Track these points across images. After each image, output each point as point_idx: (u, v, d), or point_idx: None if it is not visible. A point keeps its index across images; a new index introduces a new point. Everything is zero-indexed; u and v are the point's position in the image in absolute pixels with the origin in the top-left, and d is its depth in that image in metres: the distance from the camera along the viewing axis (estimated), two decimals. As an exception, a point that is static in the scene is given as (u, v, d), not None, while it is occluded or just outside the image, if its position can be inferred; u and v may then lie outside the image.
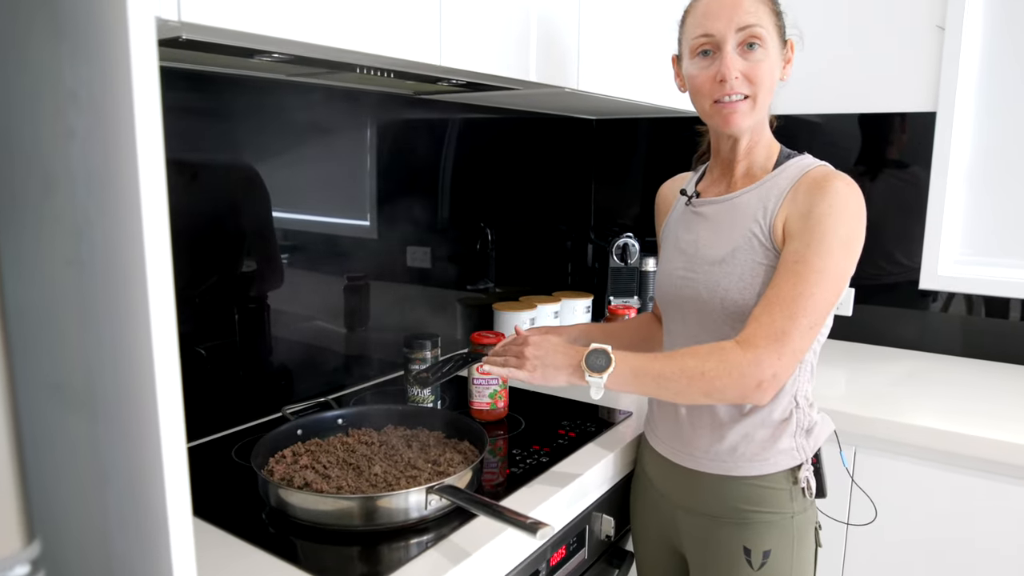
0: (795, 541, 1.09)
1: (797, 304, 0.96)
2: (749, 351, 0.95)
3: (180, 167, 1.23)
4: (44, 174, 0.56)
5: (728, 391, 0.96)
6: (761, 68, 1.04)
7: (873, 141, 1.94)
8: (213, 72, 1.25)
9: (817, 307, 0.97)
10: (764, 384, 0.95)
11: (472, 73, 1.22)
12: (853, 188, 1.01)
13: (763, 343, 0.95)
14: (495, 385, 1.35)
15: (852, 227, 1.00)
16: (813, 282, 0.96)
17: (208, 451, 1.25)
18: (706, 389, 0.96)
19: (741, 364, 0.94)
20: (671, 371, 0.97)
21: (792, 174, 1.05)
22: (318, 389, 1.51)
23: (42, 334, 0.60)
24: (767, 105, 1.08)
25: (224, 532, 0.96)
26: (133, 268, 0.53)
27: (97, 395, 0.59)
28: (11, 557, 0.43)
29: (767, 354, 0.94)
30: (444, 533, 0.96)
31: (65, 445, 0.60)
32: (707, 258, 1.09)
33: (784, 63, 1.08)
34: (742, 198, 1.08)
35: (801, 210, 1.00)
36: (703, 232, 1.11)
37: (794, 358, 0.96)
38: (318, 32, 0.93)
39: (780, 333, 0.95)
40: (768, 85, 1.05)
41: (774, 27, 1.05)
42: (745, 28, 1.03)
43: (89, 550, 0.60)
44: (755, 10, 1.03)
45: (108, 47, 0.50)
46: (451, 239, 1.87)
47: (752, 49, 1.03)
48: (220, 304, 1.33)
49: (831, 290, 0.98)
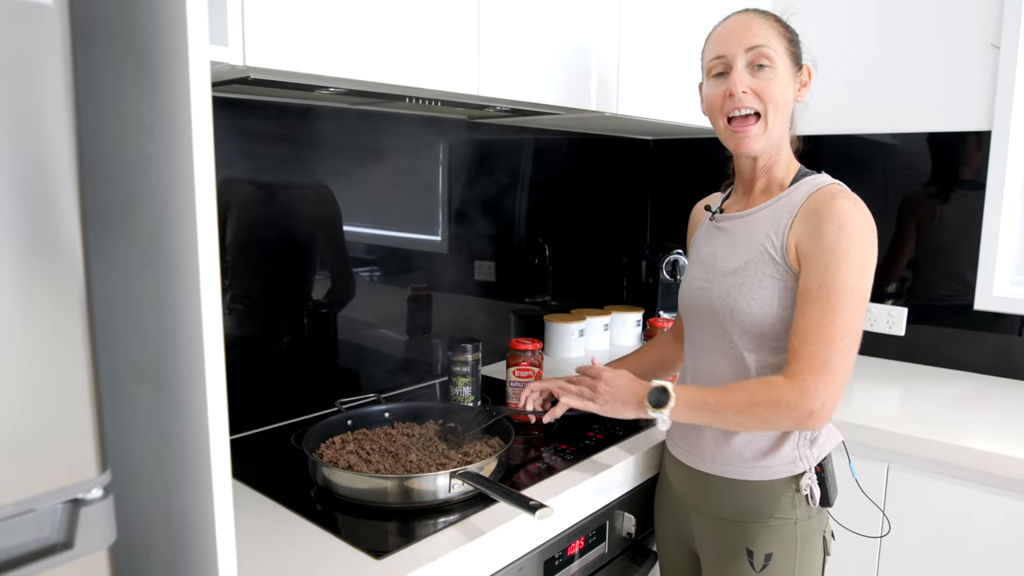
0: (799, 547, 1.13)
1: (830, 330, 1.02)
2: (797, 384, 1.02)
3: (261, 187, 1.40)
4: (129, 192, 0.71)
5: (782, 423, 1.05)
6: (770, 86, 1.10)
7: (927, 161, 1.94)
8: (293, 103, 1.42)
9: (849, 328, 1.03)
10: (815, 413, 1.02)
11: (509, 101, 1.34)
12: (858, 206, 1.06)
13: (809, 375, 1.02)
14: None
15: (863, 244, 1.05)
16: (841, 304, 1.02)
17: (272, 437, 1.40)
18: (761, 420, 1.06)
19: (791, 398, 1.02)
20: (726, 405, 1.07)
21: (804, 191, 1.11)
22: (374, 388, 1.65)
23: (124, 320, 0.75)
24: (780, 125, 1.14)
25: (277, 504, 1.10)
26: (189, 269, 0.66)
27: (163, 371, 0.74)
28: (88, 481, 0.57)
29: (814, 385, 1.02)
30: (467, 514, 1.06)
31: (137, 410, 0.74)
32: (722, 269, 1.16)
33: (800, 86, 1.15)
34: (758, 214, 1.15)
35: (811, 234, 1.06)
36: (721, 245, 1.19)
37: (840, 383, 1.03)
38: (365, 70, 1.07)
39: (823, 362, 1.02)
40: (778, 103, 1.11)
41: (785, 51, 1.12)
42: (753, 48, 1.11)
43: (151, 492, 0.74)
44: (764, 32, 1.11)
45: (174, 93, 0.64)
46: (512, 254, 1.99)
47: (761, 68, 1.11)
48: (293, 309, 1.49)
49: (857, 308, 1.04)
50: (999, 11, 1.80)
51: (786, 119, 1.15)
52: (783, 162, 1.17)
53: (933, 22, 1.90)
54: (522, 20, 1.32)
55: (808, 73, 1.16)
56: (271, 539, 1.01)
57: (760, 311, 1.09)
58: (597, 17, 1.48)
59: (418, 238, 1.73)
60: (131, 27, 0.69)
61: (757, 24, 1.12)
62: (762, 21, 1.12)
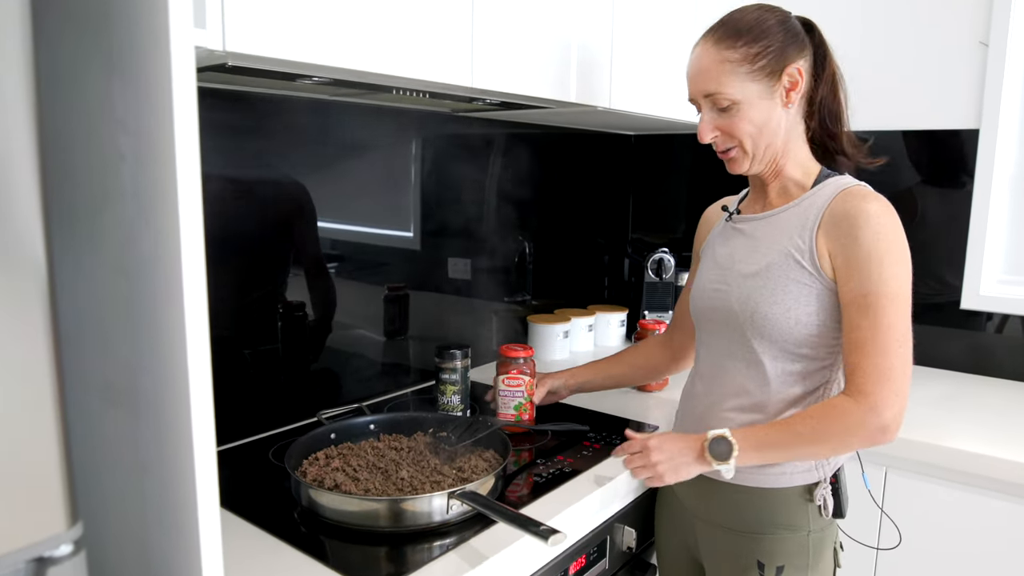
0: (811, 558, 1.09)
1: (886, 338, 0.98)
2: (863, 401, 0.98)
3: (231, 183, 1.31)
4: (97, 192, 0.62)
5: (856, 443, 1.01)
6: (737, 125, 1.06)
7: (915, 159, 1.92)
8: (267, 93, 1.32)
9: (904, 333, 0.99)
10: (888, 427, 0.98)
11: (503, 94, 1.27)
12: (886, 207, 1.02)
13: (874, 388, 0.98)
14: (520, 398, 1.38)
15: (900, 245, 1.01)
16: (890, 310, 0.98)
17: (247, 452, 1.31)
18: (835, 449, 1.03)
19: (860, 416, 0.98)
20: (794, 441, 1.02)
21: (828, 193, 1.06)
22: (354, 395, 1.57)
23: (94, 336, 0.66)
24: (768, 144, 1.08)
25: (258, 528, 1.02)
26: (171, 277, 0.58)
27: (139, 394, 0.65)
28: (56, 536, 0.49)
29: (883, 398, 0.97)
30: (465, 537, 0.99)
31: (110, 439, 0.66)
32: (741, 271, 1.11)
33: (786, 91, 1.06)
34: (780, 216, 1.10)
35: (846, 242, 1.01)
36: (740, 246, 1.14)
37: (905, 390, 0.99)
38: (352, 58, 0.99)
39: (886, 373, 0.98)
40: (752, 134, 1.06)
41: (748, 77, 1.04)
42: (709, 96, 1.07)
43: (128, 536, 0.66)
44: (715, 73, 1.05)
45: (152, 81, 0.55)
46: (490, 252, 1.92)
47: (725, 110, 1.06)
48: (266, 313, 1.39)
49: (905, 310, 1.00)
50: (988, 9, 1.78)
51: (774, 134, 1.07)
52: (795, 163, 1.11)
53: (921, 19, 1.87)
54: (518, 11, 1.24)
55: (797, 74, 1.05)
56: (251, 569, 0.92)
57: (782, 315, 1.04)
58: (591, 11, 1.42)
59: (389, 234, 1.65)
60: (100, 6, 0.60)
61: (707, 63, 1.06)
62: (713, 57, 1.05)
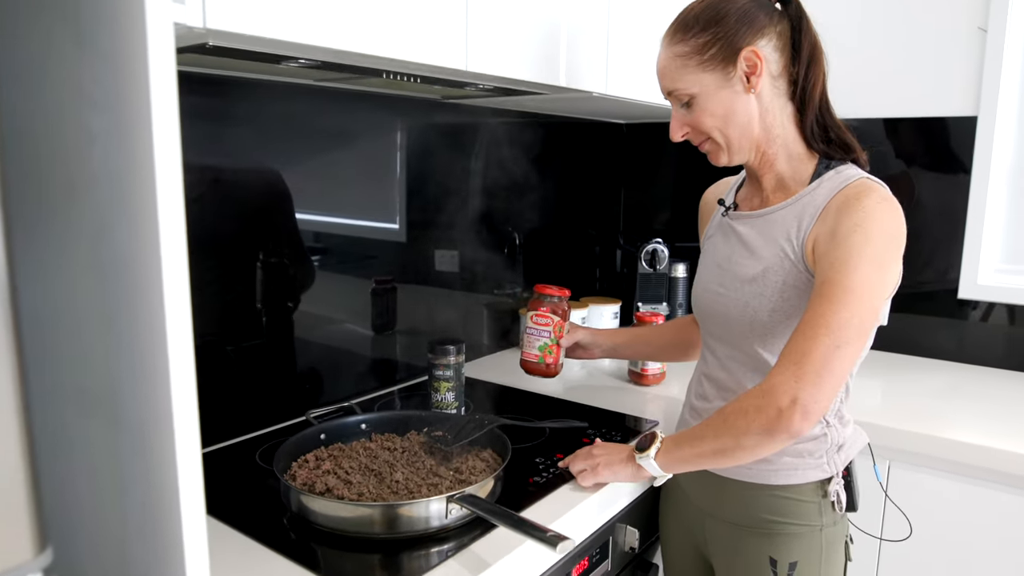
0: (823, 554, 1.06)
1: (819, 324, 0.90)
2: (764, 383, 0.92)
3: (208, 172, 1.24)
4: (65, 178, 0.56)
5: (753, 432, 0.91)
6: (702, 119, 1.03)
7: (912, 146, 1.89)
8: (242, 78, 1.26)
9: (842, 325, 0.89)
10: (785, 412, 0.88)
11: (499, 78, 1.21)
12: (887, 203, 0.95)
13: (778, 371, 0.91)
14: (546, 338, 1.26)
15: (883, 243, 0.93)
16: (838, 300, 0.90)
17: (233, 454, 1.25)
18: (736, 439, 0.93)
19: (756, 399, 0.91)
20: (703, 433, 0.98)
21: (828, 189, 1.00)
22: (344, 392, 1.51)
23: (64, 338, 0.60)
24: (741, 133, 1.02)
25: (245, 536, 0.96)
26: (150, 273, 0.52)
27: (118, 401, 0.59)
28: (23, 566, 0.43)
29: (783, 381, 0.89)
30: (465, 543, 0.95)
31: (85, 451, 0.60)
32: (739, 276, 1.06)
33: (747, 76, 0.99)
34: (776, 215, 1.04)
35: (828, 231, 0.95)
36: (737, 247, 1.08)
37: (821, 382, 0.89)
38: (343, 38, 0.93)
39: (800, 356, 0.90)
40: (719, 124, 1.02)
41: (700, 69, 0.99)
42: (670, 94, 1.05)
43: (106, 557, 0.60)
44: (671, 71, 1.03)
45: (127, 53, 0.50)
46: (479, 243, 1.87)
47: (688, 105, 1.03)
48: (248, 306, 1.33)
49: (861, 309, 0.91)
50: (986, -7, 1.75)
51: (745, 124, 1.01)
52: (786, 154, 1.04)
53: (918, 4, 1.84)
54: (511, -12, 1.19)
55: (755, 56, 0.98)
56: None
57: (781, 323, 1.00)
58: (586, -12, 1.37)
59: (375, 226, 1.59)
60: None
61: (663, 61, 1.04)
62: (667, 53, 1.03)
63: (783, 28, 1.00)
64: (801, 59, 1.01)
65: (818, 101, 1.03)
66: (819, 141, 1.04)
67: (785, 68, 1.01)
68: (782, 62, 1.01)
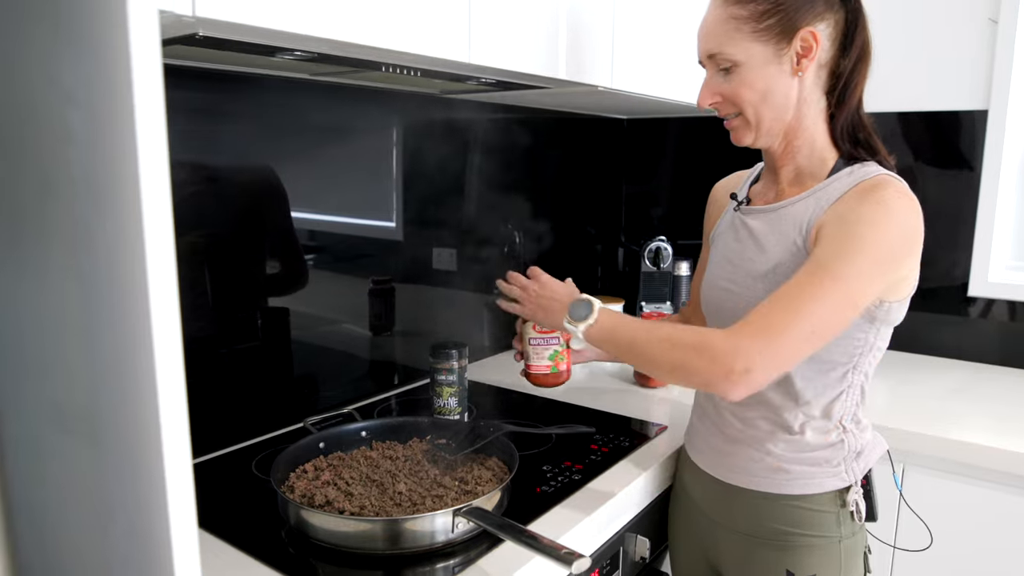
0: (842, 566, 1.02)
1: (802, 306, 0.86)
2: (731, 339, 0.87)
3: (200, 169, 1.19)
4: (41, 178, 0.51)
5: (696, 374, 0.89)
6: (740, 91, 0.97)
7: (921, 141, 1.85)
8: (236, 72, 1.21)
9: (825, 316, 0.87)
10: (734, 376, 0.86)
11: (503, 71, 1.17)
12: (905, 199, 0.91)
13: (748, 334, 0.87)
14: (555, 345, 1.13)
15: (891, 241, 0.89)
16: (828, 288, 0.86)
17: (228, 463, 1.20)
18: (676, 363, 0.91)
19: (717, 348, 0.87)
20: (648, 337, 0.94)
21: (844, 184, 0.95)
22: (342, 397, 1.47)
23: (40, 350, 0.55)
24: (775, 116, 0.98)
25: (241, 552, 0.92)
26: (134, 279, 0.48)
27: (100, 417, 0.55)
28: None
29: (748, 346, 0.86)
30: (472, 558, 0.90)
31: (66, 474, 0.55)
32: (751, 272, 1.02)
33: (797, 57, 0.95)
34: (789, 209, 1.00)
35: (839, 215, 0.92)
36: (749, 243, 1.04)
37: (778, 360, 0.87)
38: (341, 29, 0.88)
39: (770, 329, 0.86)
40: (754, 101, 0.97)
41: (752, 37, 0.94)
42: (711, 57, 0.98)
43: (89, 588, 0.56)
44: (719, 33, 0.96)
45: (108, 43, 0.45)
46: (478, 241, 1.82)
47: (727, 72, 0.97)
48: (242, 308, 1.29)
49: (847, 303, 0.88)
50: (997, -17, 1.71)
51: (782, 106, 0.97)
52: (810, 148, 1.00)
53: (927, -5, 1.80)
54: (514, -23, 1.14)
55: (812, 38, 0.94)
56: (237, 601, 0.83)
57: None
58: (591, -22, 1.32)
59: (371, 224, 1.54)
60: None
61: (712, 20, 0.97)
62: (720, 14, 0.96)
63: (839, 19, 0.96)
64: (851, 54, 0.97)
65: (856, 101, 1.00)
66: (847, 141, 1.00)
67: (831, 60, 0.98)
68: (831, 53, 0.97)
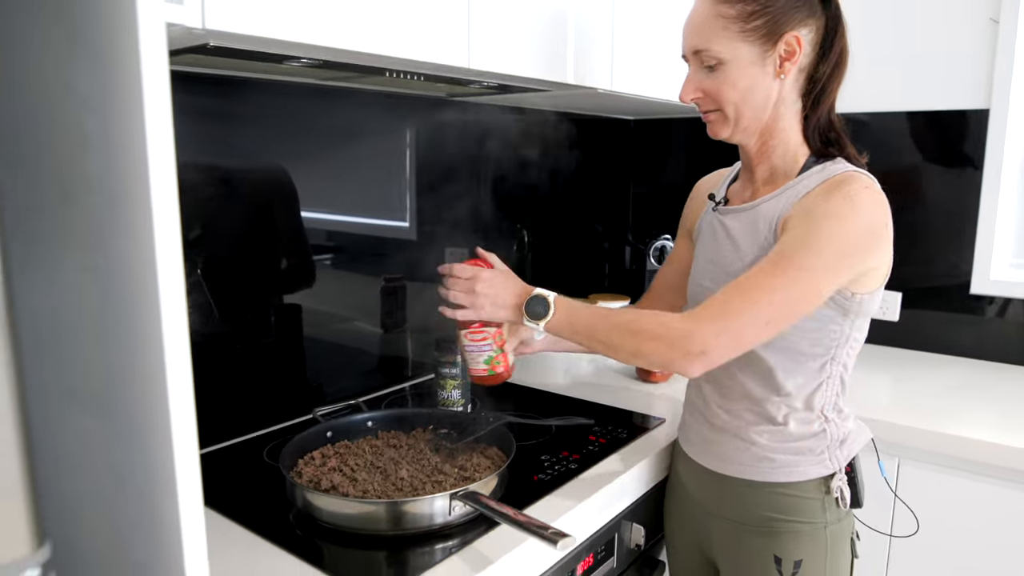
0: (828, 551, 1.05)
1: (762, 295, 0.90)
2: (688, 322, 0.92)
3: (215, 171, 1.25)
4: (59, 181, 0.57)
5: (654, 354, 0.93)
6: (722, 88, 0.99)
7: (923, 140, 1.87)
8: (250, 78, 1.27)
9: (785, 305, 0.90)
10: (691, 356, 0.90)
11: (502, 75, 1.21)
12: (870, 196, 0.94)
13: (706, 318, 0.91)
14: (488, 351, 1.16)
15: (856, 234, 0.92)
16: (791, 278, 0.90)
17: (240, 451, 1.26)
18: (635, 348, 0.95)
19: (674, 333, 0.91)
20: (605, 324, 0.97)
21: (814, 180, 0.98)
22: (351, 390, 1.52)
23: (59, 339, 0.61)
24: (753, 115, 1.01)
25: (251, 533, 0.97)
26: (145, 274, 0.53)
27: (114, 399, 0.60)
28: (21, 560, 0.44)
29: (705, 328, 0.90)
30: (469, 539, 0.95)
31: (81, 449, 0.61)
32: (728, 270, 1.05)
33: (780, 60, 0.97)
34: (762, 207, 1.03)
35: (804, 209, 0.95)
36: (726, 242, 1.08)
37: (733, 344, 0.91)
38: (342, 37, 0.93)
39: (727, 313, 0.91)
40: (736, 100, 0.99)
41: (739, 37, 0.96)
42: (697, 53, 1.00)
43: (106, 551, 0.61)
44: (706, 30, 0.98)
45: (119, 53, 0.50)
46: (488, 240, 1.87)
47: (712, 69, 1.00)
48: (256, 305, 1.34)
49: (809, 293, 0.91)
50: (998, -17, 1.73)
51: (761, 106, 1.00)
52: (784, 148, 1.03)
53: (928, -5, 1.82)
54: (513, -15, 1.19)
55: (796, 43, 0.97)
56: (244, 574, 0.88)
57: None
58: (590, -16, 1.36)
59: (384, 224, 1.59)
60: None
61: (699, 17, 0.99)
62: (707, 11, 0.98)
63: (820, 25, 0.99)
64: (829, 59, 1.00)
65: (830, 104, 1.03)
66: (818, 141, 1.03)
67: (810, 65, 1.00)
68: (811, 58, 1.00)
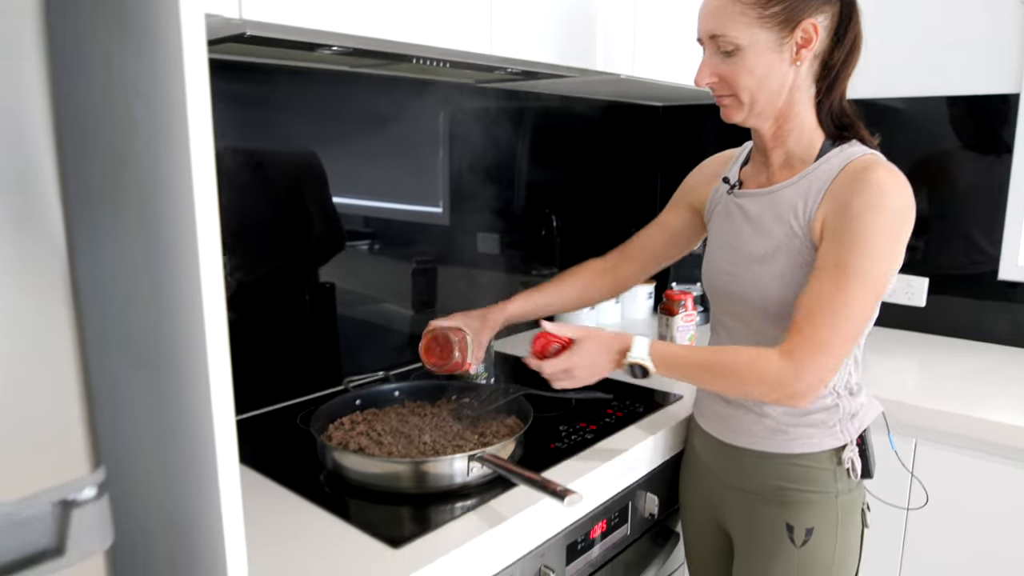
0: (839, 520, 1.09)
1: (839, 314, 0.95)
2: (790, 363, 0.96)
3: (253, 155, 1.33)
4: (113, 157, 0.64)
5: (763, 396, 1.01)
6: (738, 74, 1.01)
7: (953, 125, 1.86)
8: (286, 65, 1.34)
9: (858, 314, 0.96)
10: (800, 395, 0.97)
11: (524, 62, 1.26)
12: (896, 180, 0.97)
13: (806, 356, 0.95)
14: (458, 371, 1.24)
15: (894, 223, 0.96)
16: (855, 287, 0.94)
17: (277, 417, 1.34)
18: (743, 392, 1.03)
19: (780, 374, 0.96)
20: (712, 368, 1.03)
21: (834, 166, 1.01)
22: (381, 364, 1.59)
23: (117, 298, 0.68)
24: (768, 101, 1.03)
25: (285, 488, 1.05)
26: (187, 236, 0.60)
27: (162, 354, 0.67)
28: (80, 480, 0.51)
29: (809, 367, 0.95)
30: (486, 499, 1.01)
31: (134, 398, 0.68)
32: (750, 255, 1.08)
33: (797, 47, 0.99)
34: (783, 192, 1.06)
35: (838, 207, 0.97)
36: (744, 225, 1.10)
37: (833, 368, 0.97)
38: (371, 25, 0.99)
39: (823, 344, 0.95)
40: (751, 86, 1.01)
41: (757, 23, 0.98)
42: (713, 37, 1.02)
43: (151, 487, 0.68)
44: (724, 15, 0.99)
45: (163, 43, 0.57)
46: (518, 225, 1.92)
47: (729, 54, 1.01)
48: (294, 283, 1.42)
49: (873, 294, 0.96)
50: (1031, -36, 1.71)
51: (776, 92, 1.02)
52: (799, 132, 1.05)
53: (960, -23, 1.81)
54: (535, -26, 1.24)
55: (812, 30, 0.98)
56: (279, 526, 0.95)
57: (795, 298, 1.02)
58: (612, -28, 1.40)
59: (419, 210, 1.66)
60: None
61: (718, 1, 1.00)
62: None
63: (835, 11, 1.01)
64: (844, 46, 1.02)
65: (843, 89, 1.05)
66: (832, 126, 1.06)
67: (825, 51, 1.02)
68: (825, 44, 1.02)
